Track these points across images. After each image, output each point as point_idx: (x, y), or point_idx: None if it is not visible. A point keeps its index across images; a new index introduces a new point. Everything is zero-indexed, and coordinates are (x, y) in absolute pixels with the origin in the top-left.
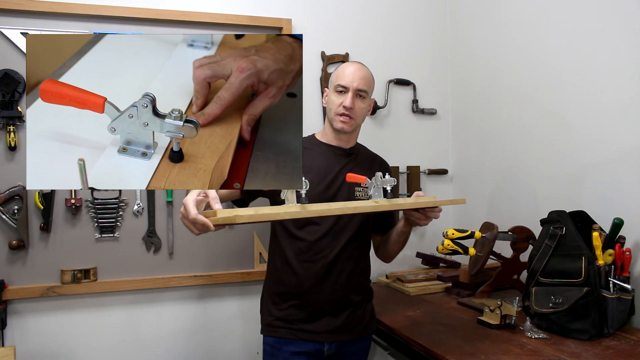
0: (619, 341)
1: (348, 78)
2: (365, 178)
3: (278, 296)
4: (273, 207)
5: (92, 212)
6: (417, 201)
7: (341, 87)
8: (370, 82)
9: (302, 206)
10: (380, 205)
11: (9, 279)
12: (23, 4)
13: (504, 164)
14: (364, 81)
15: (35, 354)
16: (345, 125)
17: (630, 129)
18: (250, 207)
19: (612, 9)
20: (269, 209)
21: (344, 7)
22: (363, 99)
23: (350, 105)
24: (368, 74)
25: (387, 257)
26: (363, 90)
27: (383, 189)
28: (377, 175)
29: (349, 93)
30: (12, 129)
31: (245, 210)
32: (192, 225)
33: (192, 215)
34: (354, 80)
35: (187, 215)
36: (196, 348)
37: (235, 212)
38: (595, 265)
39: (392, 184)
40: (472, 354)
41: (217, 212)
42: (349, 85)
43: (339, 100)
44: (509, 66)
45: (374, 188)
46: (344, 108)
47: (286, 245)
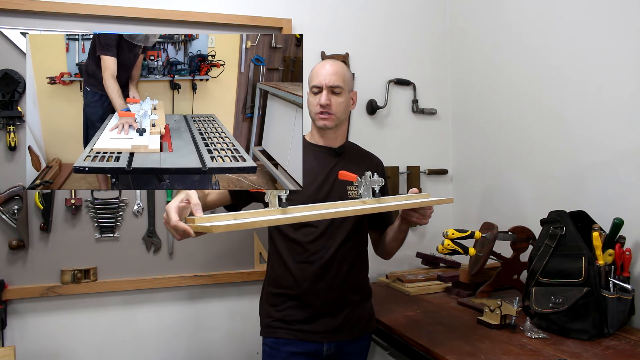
0: (619, 341)
1: (320, 77)
2: (357, 176)
3: (276, 297)
4: (253, 213)
5: (92, 212)
6: (404, 203)
7: (315, 87)
8: (344, 76)
9: (283, 210)
10: (364, 209)
11: (9, 279)
12: (23, 4)
13: (504, 164)
14: (335, 77)
15: (35, 354)
16: (326, 121)
17: (630, 129)
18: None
19: (612, 8)
20: (249, 216)
21: (344, 7)
22: (338, 94)
23: (326, 102)
24: (340, 69)
25: (386, 254)
26: (336, 86)
27: (372, 189)
28: (367, 175)
29: (323, 91)
30: (12, 129)
31: (224, 217)
32: (173, 231)
33: (172, 222)
34: (325, 78)
35: (169, 222)
36: (196, 348)
37: (212, 222)
38: (595, 265)
39: (380, 184)
40: (472, 354)
41: (195, 219)
42: (321, 84)
43: (316, 100)
44: (509, 66)
45: (363, 187)
46: (321, 106)
47: (283, 247)
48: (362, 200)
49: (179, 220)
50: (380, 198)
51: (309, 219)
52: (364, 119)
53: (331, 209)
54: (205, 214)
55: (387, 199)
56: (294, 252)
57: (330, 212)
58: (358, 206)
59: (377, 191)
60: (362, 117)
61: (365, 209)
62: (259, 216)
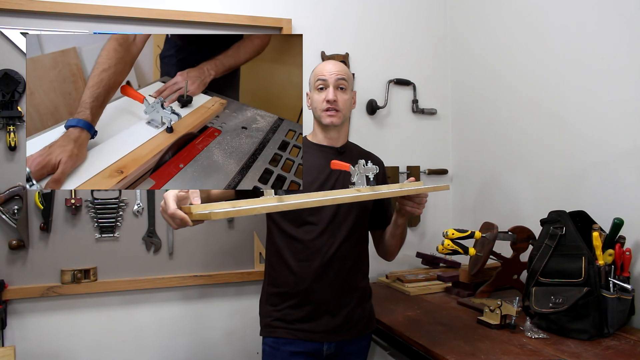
0: (619, 341)
1: (326, 72)
2: (349, 165)
3: (276, 296)
4: (250, 201)
5: (92, 212)
6: (399, 190)
7: (321, 81)
8: (348, 74)
9: (279, 198)
10: (361, 195)
11: (9, 279)
12: (23, 4)
13: (504, 164)
14: (341, 72)
15: (35, 354)
16: (334, 118)
17: (630, 129)
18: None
19: (612, 9)
20: (246, 203)
21: (344, 7)
22: (344, 90)
23: (334, 97)
24: (344, 67)
25: (388, 254)
26: (342, 79)
27: (366, 177)
28: (360, 163)
29: (329, 87)
30: (12, 129)
31: (222, 205)
32: (170, 220)
33: (170, 209)
34: (332, 73)
35: (167, 209)
36: (196, 348)
37: (211, 208)
38: (595, 265)
39: (374, 172)
40: (472, 354)
41: (192, 207)
42: (328, 78)
43: (322, 97)
44: (509, 66)
45: (357, 175)
46: (328, 102)
47: (283, 245)
48: (356, 188)
49: (177, 208)
50: (374, 187)
51: (307, 205)
52: (364, 119)
53: (327, 196)
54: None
55: (382, 187)
56: (295, 250)
57: (327, 199)
58: (353, 193)
59: (372, 179)
60: (362, 117)
61: (361, 196)
62: (256, 204)
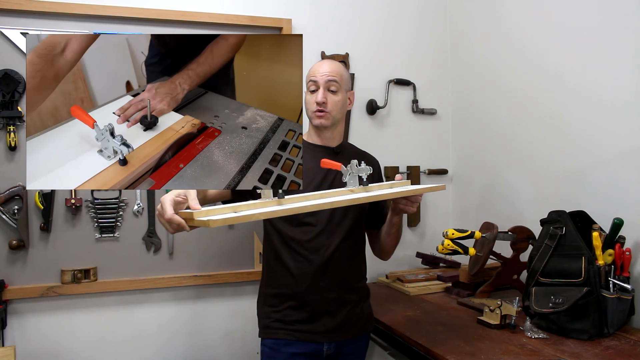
0: (619, 341)
1: (317, 73)
2: (341, 165)
3: (274, 297)
4: (250, 205)
5: (92, 212)
6: (396, 191)
7: (312, 82)
8: (341, 75)
9: (279, 202)
10: (359, 198)
11: (9, 279)
12: (23, 4)
13: (504, 164)
14: (332, 73)
15: (35, 354)
16: (322, 119)
17: (630, 129)
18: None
19: (612, 8)
20: (246, 207)
21: (344, 7)
22: (335, 92)
23: (322, 99)
24: (337, 67)
25: (384, 254)
26: (333, 81)
27: (359, 177)
28: (353, 163)
29: (320, 89)
30: (12, 129)
31: (222, 210)
32: (167, 224)
33: (167, 215)
34: (322, 74)
35: (163, 215)
36: (196, 348)
37: (210, 217)
38: (595, 265)
39: (368, 172)
40: (472, 354)
41: (193, 213)
42: (319, 79)
43: (312, 99)
44: (509, 66)
45: (349, 175)
46: (317, 104)
47: (281, 246)
48: (349, 189)
49: (174, 213)
50: (367, 187)
51: (306, 210)
52: (364, 119)
53: (325, 198)
54: (204, 207)
55: (372, 187)
56: (293, 251)
57: (326, 202)
58: (348, 195)
59: (365, 179)
60: (362, 117)
61: (359, 199)
62: (256, 208)
